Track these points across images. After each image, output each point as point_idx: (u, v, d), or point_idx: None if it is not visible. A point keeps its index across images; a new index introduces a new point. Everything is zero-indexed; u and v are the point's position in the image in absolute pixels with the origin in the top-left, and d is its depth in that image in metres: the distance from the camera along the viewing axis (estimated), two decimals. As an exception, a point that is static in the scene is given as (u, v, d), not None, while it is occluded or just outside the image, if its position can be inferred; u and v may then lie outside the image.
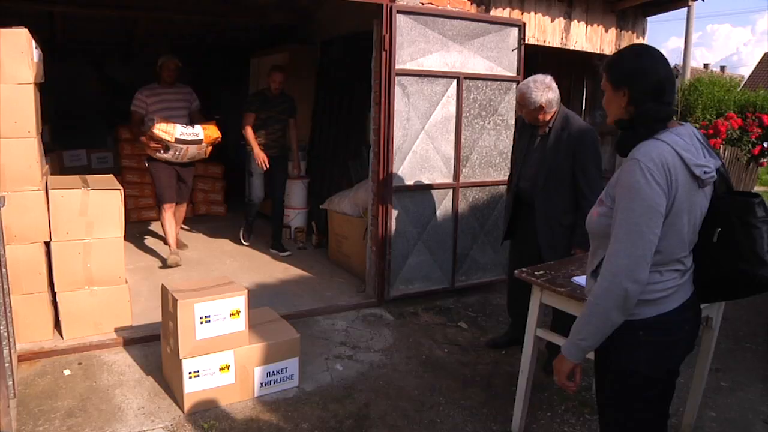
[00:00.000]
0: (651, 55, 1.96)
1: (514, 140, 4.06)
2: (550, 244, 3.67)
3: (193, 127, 5.39)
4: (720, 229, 1.97)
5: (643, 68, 1.93)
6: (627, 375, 2.01)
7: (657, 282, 1.93)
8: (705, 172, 1.87)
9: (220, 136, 5.52)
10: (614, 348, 1.98)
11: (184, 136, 5.31)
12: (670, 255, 1.93)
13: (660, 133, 1.88)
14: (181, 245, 6.18)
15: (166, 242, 5.93)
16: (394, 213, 4.80)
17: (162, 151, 5.39)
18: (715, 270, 2.02)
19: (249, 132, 5.89)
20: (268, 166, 5.86)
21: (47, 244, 3.88)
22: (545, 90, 3.56)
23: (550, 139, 3.65)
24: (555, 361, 2.06)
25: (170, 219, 5.73)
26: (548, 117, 3.63)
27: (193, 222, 7.51)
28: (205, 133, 5.41)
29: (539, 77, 3.60)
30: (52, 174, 4.43)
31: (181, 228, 6.26)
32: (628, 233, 1.84)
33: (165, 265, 5.59)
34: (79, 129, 8.08)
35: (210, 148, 5.57)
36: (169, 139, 5.25)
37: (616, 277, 1.85)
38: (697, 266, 2.04)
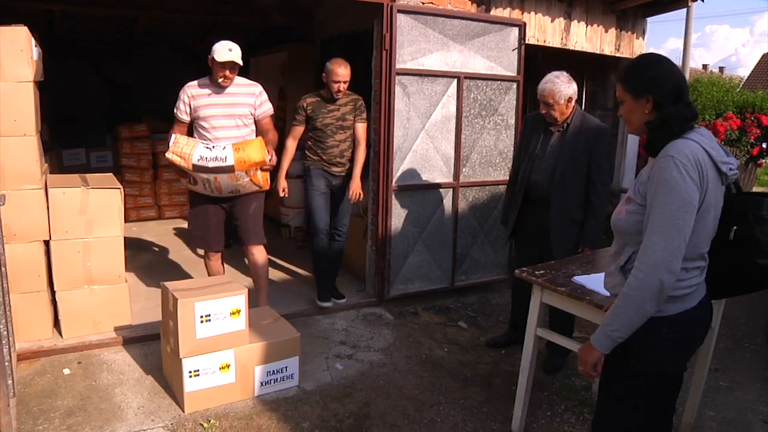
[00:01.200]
0: (665, 62, 2.06)
1: (520, 139, 4.05)
2: (560, 240, 3.69)
3: (222, 148, 3.84)
4: (736, 227, 2.06)
5: (662, 75, 2.01)
6: (649, 371, 2.06)
7: (684, 279, 1.98)
8: (730, 169, 1.96)
9: (267, 157, 3.90)
10: (637, 344, 2.01)
11: (203, 162, 3.79)
12: (695, 250, 1.98)
13: (688, 133, 1.96)
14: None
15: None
16: (394, 212, 4.80)
17: (191, 182, 4.02)
18: (731, 266, 2.10)
19: (287, 147, 4.64)
20: (287, 194, 4.69)
21: (47, 242, 3.88)
22: (570, 82, 3.64)
23: (568, 134, 3.71)
24: (582, 351, 2.11)
25: (215, 270, 4.39)
26: (569, 112, 3.69)
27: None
28: (236, 156, 3.79)
29: (558, 73, 3.66)
30: (51, 173, 4.42)
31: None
32: (664, 226, 1.89)
33: None
34: (78, 128, 8.06)
35: (259, 174, 4.00)
36: (186, 166, 3.83)
37: (652, 268, 1.90)
38: (711, 263, 2.09)
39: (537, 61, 7.52)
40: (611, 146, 3.68)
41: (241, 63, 3.95)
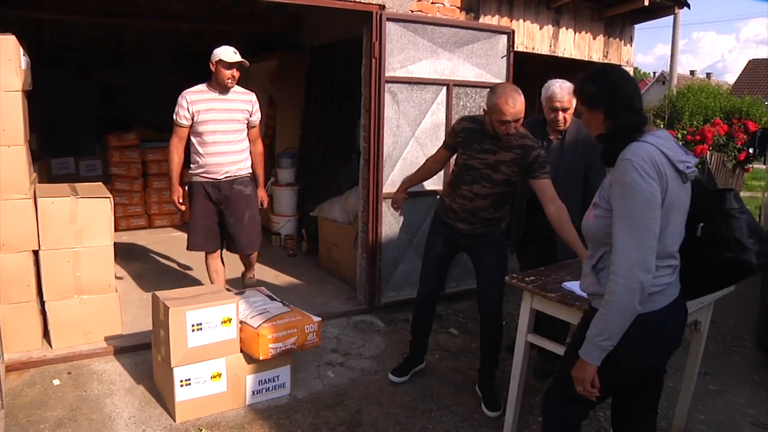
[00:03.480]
0: (616, 73, 2.17)
1: None
2: (567, 247, 3.67)
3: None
4: (702, 224, 2.13)
5: (612, 86, 2.10)
6: (612, 367, 2.05)
7: (654, 276, 2.00)
8: (687, 167, 2.01)
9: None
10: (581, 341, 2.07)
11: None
12: (664, 248, 2.01)
13: (643, 136, 2.02)
14: None
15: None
16: (385, 220, 4.80)
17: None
18: (701, 263, 2.14)
19: (417, 171, 3.98)
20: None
21: (36, 252, 3.85)
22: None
23: (566, 141, 3.75)
24: (576, 370, 2.08)
25: (214, 267, 4.60)
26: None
27: (184, 229, 7.48)
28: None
29: (562, 80, 3.70)
30: (40, 182, 4.39)
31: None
32: (632, 227, 1.94)
33: None
34: (67, 137, 8.04)
35: None
36: None
37: (629, 270, 1.93)
38: (683, 263, 2.14)
39: (526, 69, 7.57)
40: None
41: (247, 64, 4.19)
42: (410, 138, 4.80)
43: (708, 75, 41.83)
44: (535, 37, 5.74)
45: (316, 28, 7.11)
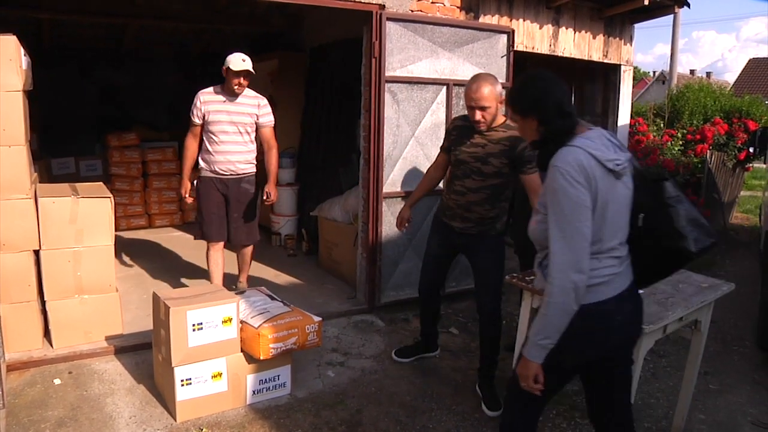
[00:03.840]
0: (544, 79, 2.20)
1: None
2: None
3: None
4: (643, 214, 2.21)
5: (541, 93, 2.16)
6: (559, 355, 2.10)
7: (596, 268, 2.08)
8: (617, 164, 2.07)
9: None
10: None
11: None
12: (606, 243, 2.10)
13: (573, 140, 2.08)
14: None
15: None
16: (385, 219, 4.81)
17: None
18: (645, 252, 2.22)
19: (425, 177, 3.99)
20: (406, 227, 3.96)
21: (37, 252, 3.86)
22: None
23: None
24: (519, 368, 2.15)
25: (215, 260, 4.76)
26: None
27: (184, 228, 7.50)
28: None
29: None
30: (40, 182, 4.40)
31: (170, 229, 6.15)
32: (563, 231, 2.02)
33: None
34: (68, 136, 8.04)
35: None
36: None
37: (562, 272, 2.01)
38: (631, 253, 2.22)
39: (525, 68, 7.56)
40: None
41: (254, 72, 4.41)
42: (410, 138, 4.80)
43: (708, 74, 41.81)
44: (534, 36, 5.74)
45: (316, 28, 7.11)
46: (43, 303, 3.93)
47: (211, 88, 4.54)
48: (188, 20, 7.45)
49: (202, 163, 4.63)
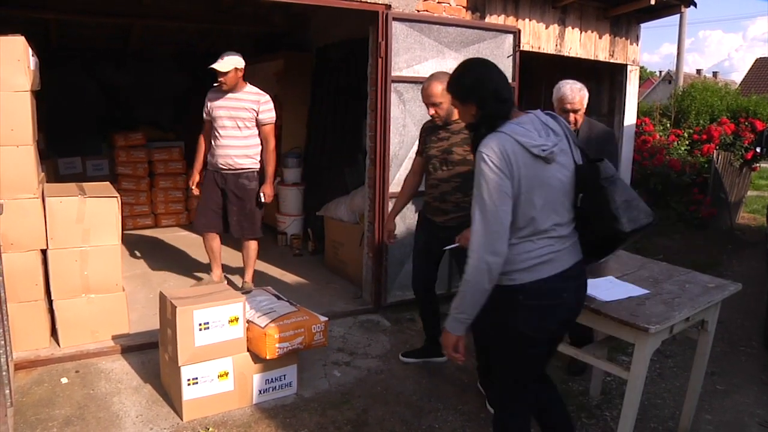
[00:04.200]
0: (482, 65, 2.33)
1: None
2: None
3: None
4: (582, 195, 2.31)
5: (479, 80, 2.27)
6: (506, 330, 2.30)
7: (531, 250, 2.21)
8: (543, 150, 2.15)
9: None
10: (494, 309, 2.24)
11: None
12: (540, 225, 2.21)
13: (502, 126, 2.17)
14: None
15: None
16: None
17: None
18: (584, 231, 2.35)
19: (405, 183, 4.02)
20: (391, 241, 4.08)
21: (44, 251, 3.87)
22: (585, 90, 3.73)
23: (579, 140, 3.68)
24: (443, 338, 2.33)
25: (210, 246, 5.01)
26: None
27: (190, 228, 7.50)
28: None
29: (573, 81, 3.73)
30: (47, 182, 4.42)
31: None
32: (482, 213, 2.14)
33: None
34: (74, 136, 8.06)
35: None
36: None
37: (478, 253, 2.14)
38: (579, 232, 2.35)
39: (531, 68, 7.55)
40: (617, 148, 3.72)
41: (222, 70, 4.58)
42: (416, 137, 4.79)
43: (714, 74, 41.68)
44: (540, 36, 5.73)
45: (321, 28, 7.13)
46: (50, 302, 3.95)
47: (216, 86, 4.75)
48: (193, 20, 7.47)
49: (208, 158, 4.89)
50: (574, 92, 3.68)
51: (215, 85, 4.73)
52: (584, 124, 3.80)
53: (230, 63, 4.61)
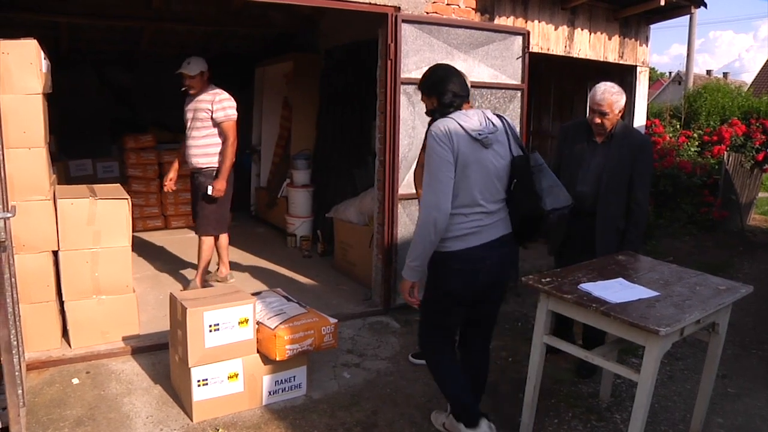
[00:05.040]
0: (444, 70, 2.93)
1: (558, 150, 4.03)
2: (605, 250, 3.68)
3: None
4: (516, 180, 2.80)
5: (440, 80, 2.86)
6: (436, 287, 2.86)
7: (462, 222, 2.72)
8: (479, 134, 2.68)
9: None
10: (435, 273, 2.81)
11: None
12: (470, 200, 2.71)
13: (452, 114, 2.75)
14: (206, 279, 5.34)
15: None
16: (400, 221, 4.81)
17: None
18: (515, 210, 2.83)
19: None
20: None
21: (55, 253, 3.90)
22: (622, 94, 3.68)
23: (612, 145, 3.73)
24: (400, 284, 2.86)
25: (215, 246, 5.27)
26: (615, 123, 3.71)
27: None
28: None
29: (611, 84, 3.69)
30: (58, 183, 4.45)
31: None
32: (430, 177, 2.68)
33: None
34: (85, 138, 8.11)
35: None
36: None
37: (426, 209, 2.68)
38: (509, 212, 2.84)
39: (540, 69, 7.55)
40: (653, 157, 3.72)
41: (191, 74, 4.90)
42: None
43: (725, 74, 41.34)
44: (550, 37, 5.72)
45: (330, 29, 7.14)
46: (61, 303, 3.97)
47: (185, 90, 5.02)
48: (203, 23, 7.49)
49: None
50: (604, 94, 3.62)
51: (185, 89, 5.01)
52: (620, 129, 3.73)
53: (197, 67, 4.89)
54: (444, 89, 2.82)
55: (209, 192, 4.86)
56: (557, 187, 2.87)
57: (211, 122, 4.89)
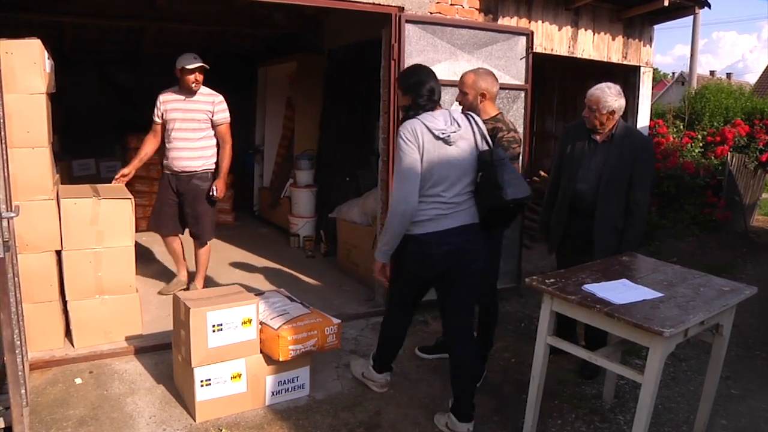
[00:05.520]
0: (421, 72, 3.12)
1: (560, 150, 4.06)
2: (603, 249, 3.71)
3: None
4: (481, 173, 3.08)
5: (417, 82, 3.06)
6: (399, 267, 3.18)
7: (424, 209, 3.00)
8: (442, 133, 2.96)
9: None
10: (401, 254, 3.10)
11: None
12: (431, 192, 2.99)
13: (421, 115, 3.01)
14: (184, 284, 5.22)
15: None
16: (403, 221, 4.80)
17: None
18: (480, 201, 3.11)
19: None
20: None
21: (58, 253, 3.90)
22: (618, 96, 3.68)
23: (613, 145, 3.74)
24: (375, 266, 3.22)
25: (171, 248, 5.11)
26: (612, 124, 3.73)
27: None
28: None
29: (611, 84, 3.72)
30: (61, 183, 4.45)
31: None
32: (399, 174, 2.97)
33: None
34: (87, 138, 8.11)
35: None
36: None
37: (397, 202, 2.97)
38: (476, 203, 3.11)
39: (544, 70, 7.54)
40: (654, 158, 3.73)
41: (207, 66, 4.72)
42: (429, 140, 4.79)
43: (728, 75, 41.25)
44: (553, 38, 5.71)
45: (335, 30, 7.14)
46: (64, 303, 3.97)
47: (170, 89, 4.84)
48: (206, 23, 7.50)
49: (164, 161, 4.94)
50: (594, 91, 3.69)
51: (169, 89, 4.84)
52: (621, 129, 3.75)
53: (199, 61, 4.68)
54: (421, 92, 3.03)
55: (213, 194, 4.83)
56: (518, 179, 3.09)
57: (209, 124, 4.80)
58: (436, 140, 2.95)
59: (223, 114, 4.82)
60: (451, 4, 4.94)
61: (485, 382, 3.84)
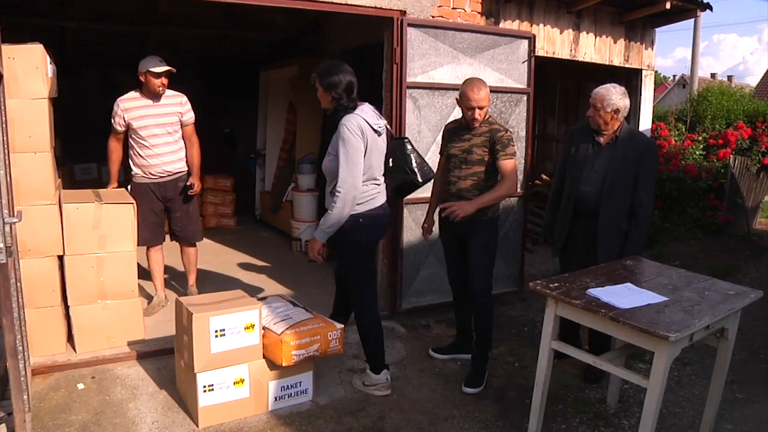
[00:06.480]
0: (343, 70, 3.39)
1: (564, 152, 4.08)
2: (607, 251, 3.72)
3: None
4: (391, 158, 3.58)
5: (339, 79, 3.34)
6: (355, 244, 3.46)
7: (366, 191, 3.39)
8: (378, 127, 3.40)
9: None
10: (347, 230, 3.38)
11: None
12: (372, 175, 3.42)
13: (355, 110, 3.34)
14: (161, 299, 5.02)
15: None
16: (406, 225, 4.80)
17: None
18: (392, 181, 3.63)
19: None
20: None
21: (60, 258, 3.90)
22: (623, 96, 3.71)
23: (617, 146, 3.76)
24: (310, 243, 3.53)
25: (157, 259, 4.91)
26: (616, 124, 3.75)
27: (204, 234, 7.52)
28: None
29: (616, 85, 3.76)
30: (63, 188, 4.44)
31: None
32: (347, 164, 3.26)
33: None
34: (90, 142, 8.09)
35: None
36: None
37: (346, 189, 3.26)
38: (386, 182, 3.58)
39: (546, 73, 7.53)
40: (658, 161, 3.75)
41: (174, 71, 4.62)
42: (431, 143, 4.79)
43: (729, 78, 41.30)
44: (555, 41, 5.71)
45: (336, 33, 7.14)
46: (66, 308, 3.97)
47: (130, 94, 4.67)
48: (209, 27, 7.50)
49: (135, 169, 4.72)
50: (599, 90, 3.74)
51: (129, 94, 4.70)
52: (625, 131, 3.78)
53: (165, 65, 4.58)
54: (341, 90, 3.33)
55: (192, 191, 4.80)
56: (425, 166, 3.69)
57: (179, 125, 4.75)
58: (372, 132, 3.36)
59: (190, 114, 4.79)
60: (453, 8, 4.93)
61: (489, 386, 3.84)
